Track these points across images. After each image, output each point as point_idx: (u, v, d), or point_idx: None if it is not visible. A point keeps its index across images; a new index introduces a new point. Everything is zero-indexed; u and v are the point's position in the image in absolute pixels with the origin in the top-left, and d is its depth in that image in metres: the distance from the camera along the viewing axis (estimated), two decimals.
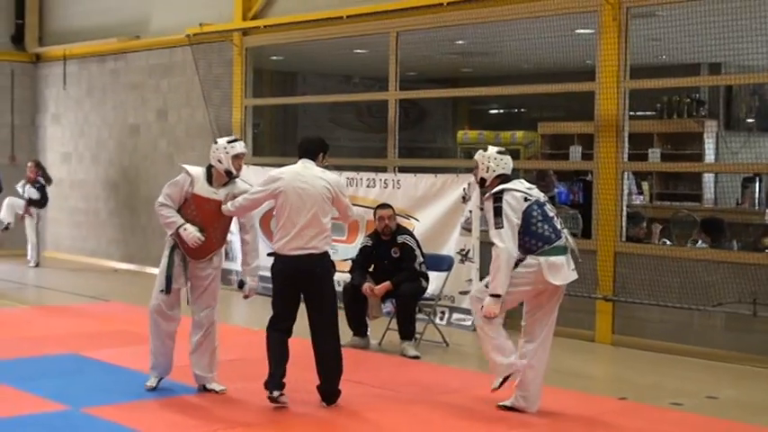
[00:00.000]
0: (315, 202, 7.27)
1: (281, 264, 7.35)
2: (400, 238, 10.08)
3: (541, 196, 7.47)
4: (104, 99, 17.66)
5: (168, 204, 7.69)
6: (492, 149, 7.65)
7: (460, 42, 13.68)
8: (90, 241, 18.06)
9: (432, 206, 11.31)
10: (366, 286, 9.88)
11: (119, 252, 17.22)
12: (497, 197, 7.27)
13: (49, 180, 16.74)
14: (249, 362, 8.61)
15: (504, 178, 7.46)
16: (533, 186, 7.55)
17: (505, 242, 7.13)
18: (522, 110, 19.22)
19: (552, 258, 7.22)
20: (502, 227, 7.16)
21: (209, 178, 7.71)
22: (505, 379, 7.39)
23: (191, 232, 7.58)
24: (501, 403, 7.50)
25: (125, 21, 17.05)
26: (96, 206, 17.79)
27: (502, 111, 20.01)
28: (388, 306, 10.91)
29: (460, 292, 11.24)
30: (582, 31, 11.22)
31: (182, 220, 7.62)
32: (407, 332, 9.84)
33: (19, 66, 19.05)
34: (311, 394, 7.55)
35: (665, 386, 8.70)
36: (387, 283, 9.86)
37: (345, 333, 10.13)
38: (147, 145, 16.61)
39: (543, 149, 16.11)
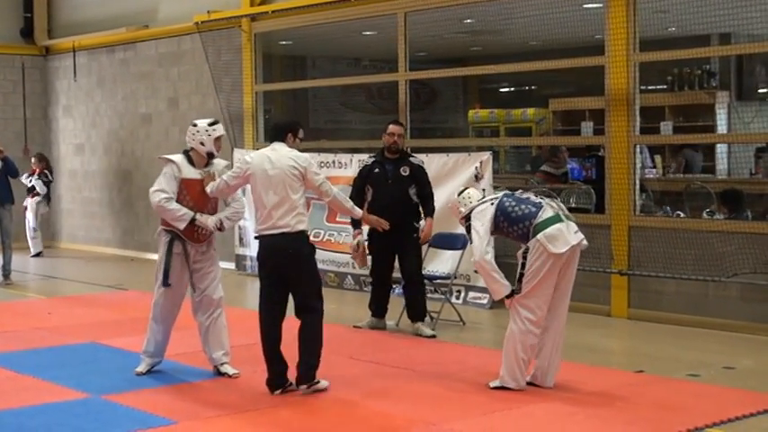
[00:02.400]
0: (281, 181, 7.32)
1: (260, 245, 7.49)
2: (415, 159, 9.82)
3: (507, 193, 7.62)
4: (115, 89, 17.71)
5: (172, 197, 7.74)
6: (464, 192, 7.88)
7: (469, 21, 13.66)
8: (104, 231, 18.13)
9: (444, 185, 11.29)
10: (371, 218, 8.70)
11: (133, 241, 17.29)
12: (467, 217, 7.57)
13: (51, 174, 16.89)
14: None
15: None
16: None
17: (476, 253, 7.37)
18: (533, 87, 19.20)
19: (548, 230, 7.25)
20: (472, 241, 7.46)
21: (191, 161, 7.85)
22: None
23: (207, 218, 7.73)
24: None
25: (133, 10, 17.07)
26: (110, 196, 17.86)
27: (512, 88, 19.99)
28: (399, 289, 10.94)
29: (475, 271, 11.25)
30: (590, 5, 11.19)
31: (191, 212, 7.70)
32: (418, 312, 9.70)
33: (29, 59, 19.11)
34: (325, 374, 7.58)
35: (682, 358, 8.71)
36: (430, 222, 9.62)
37: (363, 315, 10.20)
38: (159, 134, 16.65)
39: (555, 126, 16.08)
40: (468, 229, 7.56)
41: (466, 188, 8.04)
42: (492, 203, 7.49)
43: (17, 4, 19.11)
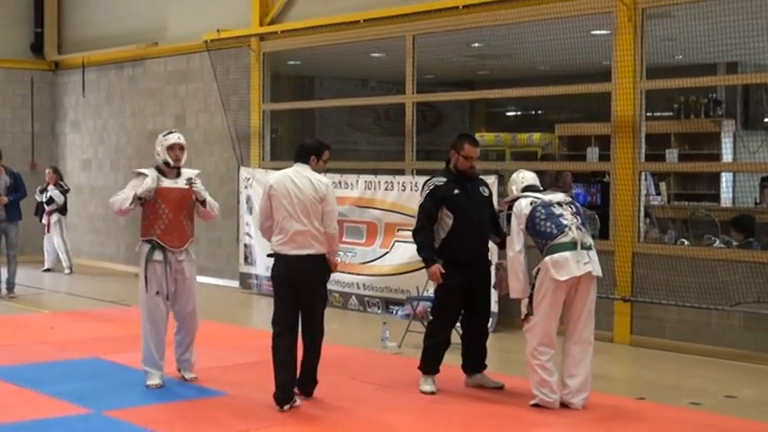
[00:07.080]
0: (304, 203, 7.44)
1: (280, 265, 7.56)
2: (486, 177, 8.39)
3: (554, 198, 7.71)
4: (123, 106, 17.77)
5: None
6: (520, 174, 7.99)
7: (477, 45, 13.71)
8: (109, 247, 18.16)
9: None
10: (436, 268, 7.85)
11: (137, 258, 17.24)
12: (510, 206, 7.77)
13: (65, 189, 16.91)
14: (269, 363, 8.64)
15: (532, 189, 7.86)
16: (553, 193, 7.84)
17: (511, 248, 7.64)
18: (539, 112, 19.24)
19: (556, 256, 7.44)
20: (509, 234, 7.72)
21: (162, 173, 8.29)
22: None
23: (145, 184, 8.11)
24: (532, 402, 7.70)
25: (143, 28, 17.15)
26: None
27: (519, 113, 20.03)
28: (407, 309, 10.91)
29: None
30: (597, 32, 11.23)
31: (133, 190, 8.13)
32: (483, 361, 8.37)
33: (38, 74, 19.20)
34: (322, 391, 7.59)
35: (684, 386, 8.70)
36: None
37: (367, 337, 10.15)
38: None
39: (560, 151, 16.12)
40: (508, 218, 7.74)
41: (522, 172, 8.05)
42: (531, 204, 7.60)
43: (28, 19, 19.21)
